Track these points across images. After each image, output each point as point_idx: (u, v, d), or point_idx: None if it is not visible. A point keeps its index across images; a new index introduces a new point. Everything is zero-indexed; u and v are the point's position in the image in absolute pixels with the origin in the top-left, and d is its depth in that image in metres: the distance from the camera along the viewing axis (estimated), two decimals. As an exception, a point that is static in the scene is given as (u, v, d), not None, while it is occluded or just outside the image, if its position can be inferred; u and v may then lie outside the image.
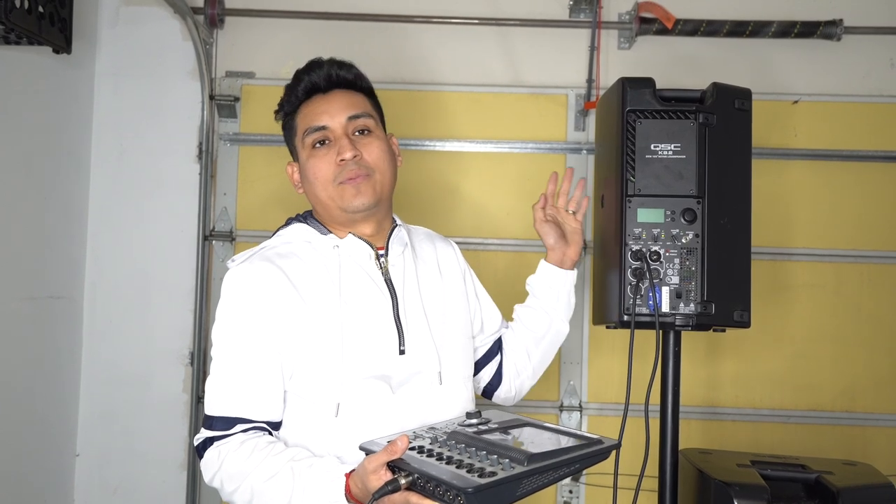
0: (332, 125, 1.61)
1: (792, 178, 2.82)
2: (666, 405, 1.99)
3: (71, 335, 2.77)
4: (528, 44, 2.87)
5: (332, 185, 1.60)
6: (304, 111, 1.66)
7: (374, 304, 1.59)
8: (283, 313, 1.53)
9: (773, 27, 2.75)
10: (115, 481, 2.79)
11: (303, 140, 1.63)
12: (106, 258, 2.82)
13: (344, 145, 1.59)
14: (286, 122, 1.71)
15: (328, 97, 1.65)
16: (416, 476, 1.32)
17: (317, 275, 1.57)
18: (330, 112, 1.62)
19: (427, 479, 1.31)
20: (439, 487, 1.29)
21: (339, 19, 2.82)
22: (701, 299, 1.89)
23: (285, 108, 1.71)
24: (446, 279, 1.75)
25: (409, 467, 1.33)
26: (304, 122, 1.64)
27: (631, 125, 1.93)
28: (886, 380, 2.79)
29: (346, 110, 1.63)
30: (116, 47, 2.86)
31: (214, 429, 1.51)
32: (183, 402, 2.80)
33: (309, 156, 1.62)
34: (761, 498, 1.86)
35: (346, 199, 1.59)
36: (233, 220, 2.84)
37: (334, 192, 1.59)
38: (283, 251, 1.61)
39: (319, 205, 1.63)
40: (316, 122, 1.62)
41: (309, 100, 1.66)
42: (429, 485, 1.31)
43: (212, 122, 2.84)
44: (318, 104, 1.64)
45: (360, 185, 1.59)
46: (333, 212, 1.61)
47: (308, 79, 1.67)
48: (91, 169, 2.84)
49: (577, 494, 2.76)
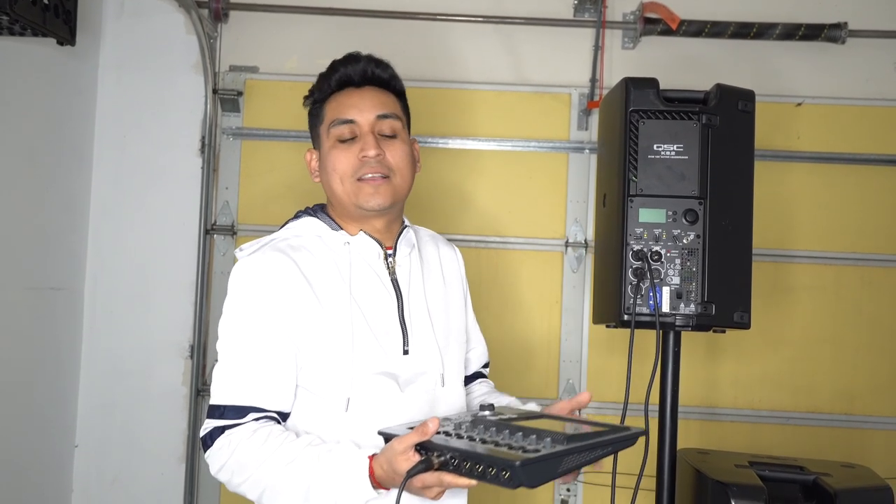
0: (360, 120, 1.61)
1: (794, 181, 2.83)
2: (665, 405, 1.99)
3: (71, 327, 2.77)
4: (531, 42, 2.87)
5: (351, 179, 1.59)
6: (334, 102, 1.65)
7: (380, 303, 1.59)
8: (296, 304, 1.53)
9: (777, 29, 2.75)
10: (113, 473, 2.80)
11: (328, 130, 1.62)
12: (107, 250, 2.83)
13: (369, 142, 1.58)
14: (314, 109, 1.69)
15: (360, 92, 1.64)
16: (450, 455, 1.32)
17: (327, 269, 1.58)
18: (360, 107, 1.62)
19: (464, 458, 1.30)
20: (478, 465, 1.28)
21: (342, 15, 2.82)
22: (701, 300, 1.89)
23: (315, 95, 1.69)
24: (448, 284, 1.75)
25: (442, 447, 1.33)
26: (332, 112, 1.63)
27: (634, 125, 1.93)
28: (885, 383, 2.79)
29: (377, 108, 1.62)
30: (120, 40, 2.86)
31: (225, 417, 1.49)
32: (182, 395, 2.80)
33: (332, 147, 1.61)
34: (759, 499, 1.86)
35: (362, 197, 1.59)
36: (234, 214, 2.84)
37: (351, 188, 1.59)
38: (294, 244, 1.60)
39: (334, 197, 1.63)
40: (344, 114, 1.61)
41: (340, 91, 1.65)
42: (465, 463, 1.30)
43: (215, 116, 2.84)
44: (350, 97, 1.63)
45: (379, 187, 1.59)
46: (347, 206, 1.61)
47: (343, 70, 1.66)
48: (93, 161, 2.84)
49: (575, 493, 2.77)
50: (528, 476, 1.25)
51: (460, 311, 1.77)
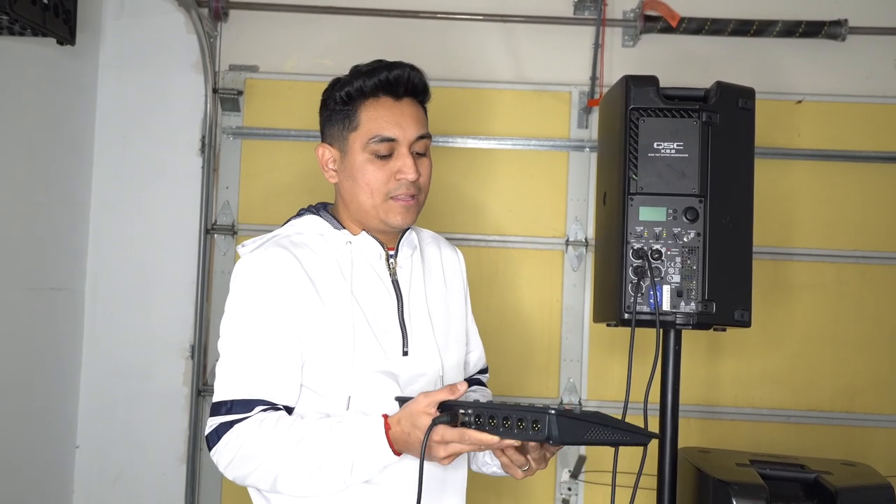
0: (402, 139, 1.57)
1: (794, 178, 2.82)
2: (666, 404, 1.99)
3: (72, 327, 2.77)
4: (532, 41, 2.87)
5: (383, 196, 1.57)
6: (372, 111, 1.57)
7: (381, 304, 1.59)
8: (299, 301, 1.52)
9: (777, 26, 2.74)
10: (114, 473, 2.80)
11: (366, 143, 1.56)
12: (108, 250, 2.83)
13: (409, 165, 1.56)
14: (341, 108, 1.60)
15: (401, 106, 1.59)
16: (477, 411, 1.33)
17: (328, 268, 1.57)
18: (402, 125, 1.57)
19: (492, 414, 1.31)
20: (507, 419, 1.30)
21: (343, 14, 2.82)
22: (702, 298, 1.89)
23: (344, 92, 1.59)
24: (449, 286, 1.75)
25: (467, 404, 1.34)
26: (372, 123, 1.56)
27: (634, 123, 1.93)
28: (886, 380, 2.79)
29: (416, 127, 1.58)
30: (120, 39, 2.86)
31: (233, 412, 1.47)
32: (183, 395, 2.80)
33: (367, 161, 1.57)
34: (760, 497, 1.86)
35: (391, 216, 1.57)
36: (235, 213, 2.84)
37: (381, 204, 1.57)
38: (296, 241, 1.59)
39: (355, 205, 1.60)
40: (388, 132, 1.56)
41: (377, 98, 1.58)
42: (492, 419, 1.32)
43: (215, 115, 2.84)
44: (392, 112, 1.57)
45: (410, 207, 1.58)
46: (370, 219, 1.59)
47: (388, 75, 1.58)
48: (94, 161, 2.84)
49: (577, 492, 2.77)
50: (559, 429, 1.27)
51: (461, 313, 1.76)
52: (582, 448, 2.75)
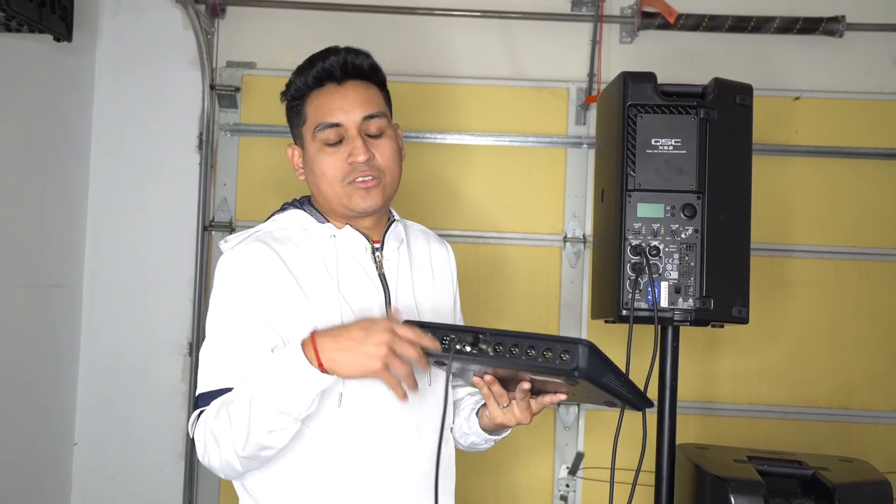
0: (347, 123, 1.56)
1: (792, 175, 2.82)
2: (664, 400, 1.99)
3: (70, 324, 2.77)
4: (529, 37, 2.87)
5: (341, 183, 1.56)
6: (316, 100, 1.58)
7: (367, 298, 1.57)
8: (278, 296, 1.50)
9: (775, 23, 2.74)
10: (112, 470, 2.80)
11: (313, 133, 1.57)
12: (105, 247, 2.82)
13: (357, 147, 1.54)
14: (293, 105, 1.63)
15: (343, 89, 1.58)
16: (495, 339, 1.30)
17: (312, 262, 1.55)
18: (345, 108, 1.56)
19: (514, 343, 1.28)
20: (533, 348, 1.27)
21: (341, 10, 2.81)
22: (700, 294, 1.89)
23: (292, 91, 1.63)
24: (438, 280, 1.73)
25: (487, 331, 1.31)
26: (316, 113, 1.57)
27: (632, 119, 1.93)
28: (884, 377, 2.79)
29: (362, 108, 1.57)
30: (117, 36, 2.85)
31: (199, 405, 1.46)
32: (181, 391, 2.80)
33: (318, 151, 1.57)
34: (757, 493, 1.87)
35: (354, 201, 1.56)
36: (232, 210, 2.84)
37: (342, 191, 1.56)
38: (278, 235, 1.58)
39: (322, 197, 1.60)
40: (330, 117, 1.56)
41: (321, 88, 1.59)
42: (515, 348, 1.28)
43: (212, 112, 2.83)
44: (333, 97, 1.57)
45: (371, 190, 1.56)
46: (336, 208, 1.59)
47: (322, 65, 1.58)
48: (91, 158, 2.84)
49: (574, 488, 2.77)
50: (587, 362, 1.25)
51: (448, 308, 1.74)
52: (580, 444, 2.76)
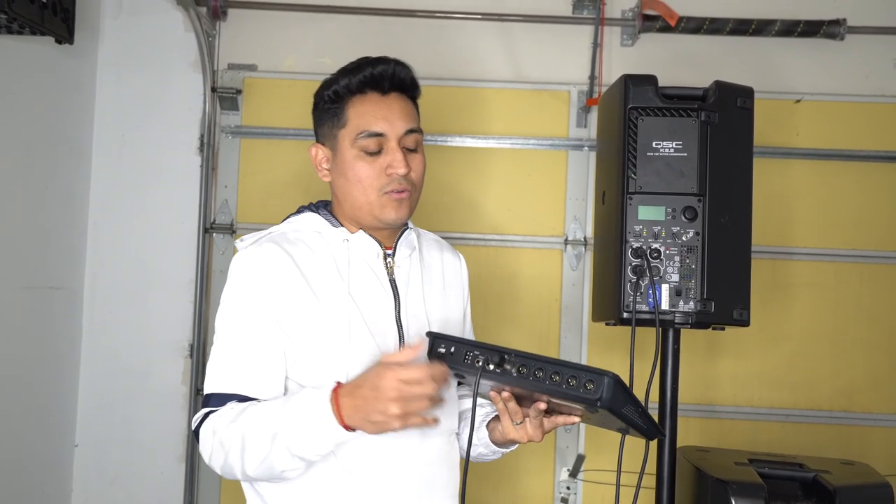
0: (390, 134, 1.57)
1: (793, 178, 2.82)
2: (664, 403, 1.99)
3: (71, 326, 2.77)
4: (530, 40, 2.87)
5: (376, 193, 1.57)
6: (359, 106, 1.58)
7: (377, 303, 1.58)
8: (288, 297, 1.52)
9: (776, 26, 2.74)
10: (113, 472, 2.80)
11: (354, 139, 1.57)
12: (106, 249, 2.83)
13: (398, 160, 1.56)
14: (329, 106, 1.62)
15: (387, 101, 1.59)
16: (519, 361, 1.33)
17: (324, 265, 1.57)
18: (390, 120, 1.57)
19: (539, 364, 1.31)
20: (557, 374, 1.30)
21: (341, 13, 2.81)
22: (700, 297, 1.89)
23: (332, 91, 1.61)
24: (448, 289, 1.74)
25: (513, 352, 1.34)
26: (360, 120, 1.57)
27: (633, 122, 1.93)
28: (885, 379, 2.79)
29: (405, 122, 1.59)
30: (119, 38, 2.85)
31: (209, 405, 1.49)
32: (182, 393, 2.80)
33: (357, 157, 1.57)
34: (758, 496, 1.87)
35: (385, 212, 1.57)
36: (233, 212, 2.84)
37: (375, 200, 1.57)
38: (291, 237, 1.59)
39: (349, 202, 1.60)
40: (375, 126, 1.56)
41: (364, 95, 1.59)
42: (539, 372, 1.31)
43: (213, 114, 2.84)
44: (378, 106, 1.58)
45: (402, 202, 1.58)
46: (363, 215, 1.60)
47: (372, 71, 1.59)
48: (92, 160, 2.84)
49: (575, 491, 2.77)
50: (612, 394, 1.27)
51: (458, 320, 1.75)
52: (581, 447, 2.75)
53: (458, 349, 1.40)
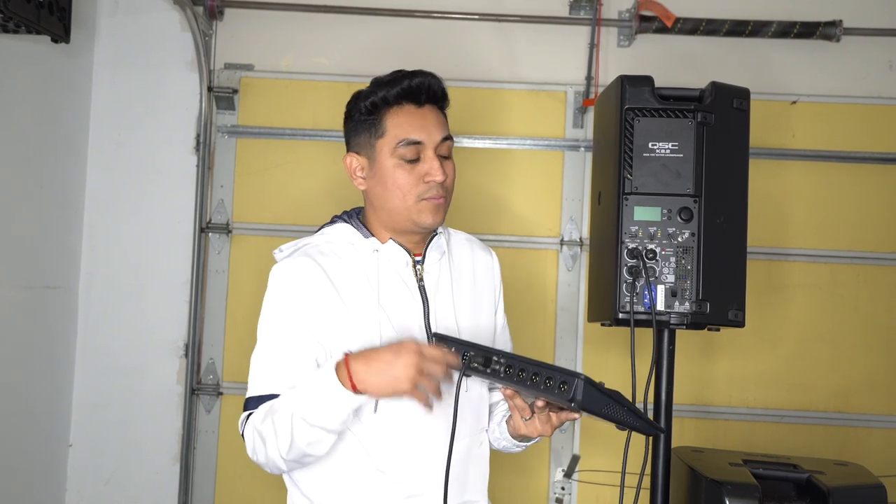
0: (428, 143, 1.63)
1: (789, 179, 2.83)
2: (660, 403, 1.99)
3: (66, 325, 2.76)
4: (527, 40, 2.87)
5: (414, 199, 1.62)
6: (397, 117, 1.63)
7: (407, 310, 1.63)
8: (320, 307, 1.59)
9: (772, 27, 2.75)
10: (108, 472, 2.79)
11: (394, 148, 1.62)
12: (102, 248, 2.82)
13: (436, 168, 1.62)
14: (367, 117, 1.66)
15: (423, 112, 1.65)
16: (506, 361, 1.42)
17: (355, 275, 1.62)
18: (427, 129, 1.63)
19: (522, 367, 1.40)
20: (537, 375, 1.39)
21: (338, 13, 2.81)
22: (696, 298, 1.89)
23: (369, 102, 1.65)
24: (479, 286, 1.77)
25: (500, 353, 1.43)
26: (399, 129, 1.62)
27: (629, 123, 1.93)
28: (880, 381, 2.80)
29: (440, 130, 1.65)
30: (115, 37, 2.85)
31: (248, 409, 1.57)
32: (177, 393, 2.80)
33: (396, 166, 1.62)
34: (753, 497, 1.87)
35: (422, 217, 1.62)
36: (230, 212, 2.84)
37: (413, 206, 1.62)
38: (325, 250, 1.65)
39: (386, 209, 1.65)
40: (414, 135, 1.62)
41: (401, 106, 1.64)
42: (522, 372, 1.41)
43: (210, 113, 2.83)
44: (416, 116, 1.64)
45: (439, 207, 1.64)
46: (400, 221, 1.64)
47: (410, 83, 1.64)
48: (88, 159, 2.83)
49: (570, 491, 2.77)
50: (585, 395, 1.36)
51: (489, 314, 1.78)
52: (576, 447, 2.75)
53: (458, 349, 1.48)
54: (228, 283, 2.82)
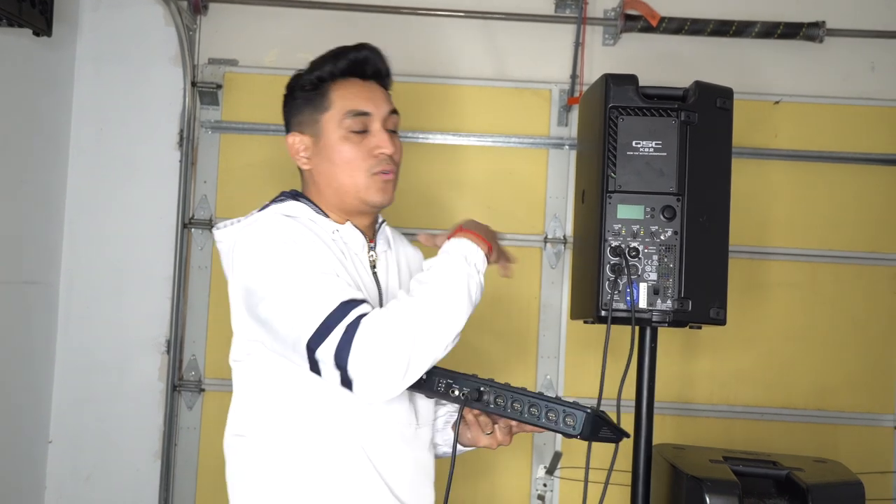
0: (376, 114, 1.59)
1: (771, 178, 2.85)
2: (641, 400, 2.00)
3: (46, 321, 2.74)
4: (512, 38, 2.87)
5: (364, 174, 1.57)
6: (342, 90, 1.60)
7: (368, 294, 1.59)
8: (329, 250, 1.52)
9: (756, 27, 2.76)
10: (88, 469, 2.78)
11: (340, 120, 1.58)
12: (83, 244, 2.80)
13: (385, 139, 1.58)
14: (311, 93, 1.62)
15: (369, 85, 1.63)
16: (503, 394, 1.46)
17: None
18: (375, 101, 1.60)
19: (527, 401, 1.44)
20: (534, 408, 1.43)
21: (323, 9, 2.80)
22: (678, 296, 1.90)
23: (315, 76, 1.62)
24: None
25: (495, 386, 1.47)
26: (344, 101, 1.59)
27: (613, 121, 1.94)
28: (859, 379, 2.82)
29: (388, 104, 1.63)
30: (98, 31, 2.83)
31: (348, 312, 1.39)
32: (158, 390, 2.78)
33: (343, 139, 1.58)
34: (732, 493, 1.88)
35: (371, 193, 1.58)
36: (213, 208, 2.83)
37: (362, 182, 1.57)
38: (292, 215, 1.57)
39: (332, 188, 1.60)
40: (362, 106, 1.58)
41: (346, 79, 1.62)
42: (529, 406, 1.44)
43: (193, 109, 2.82)
44: (362, 89, 1.61)
45: (388, 183, 1.60)
46: (348, 199, 1.59)
47: (356, 56, 1.63)
48: (70, 154, 2.81)
49: (552, 488, 2.78)
50: (591, 426, 1.42)
51: None
52: (558, 444, 2.76)
53: (429, 377, 1.46)
54: (211, 279, 2.81)
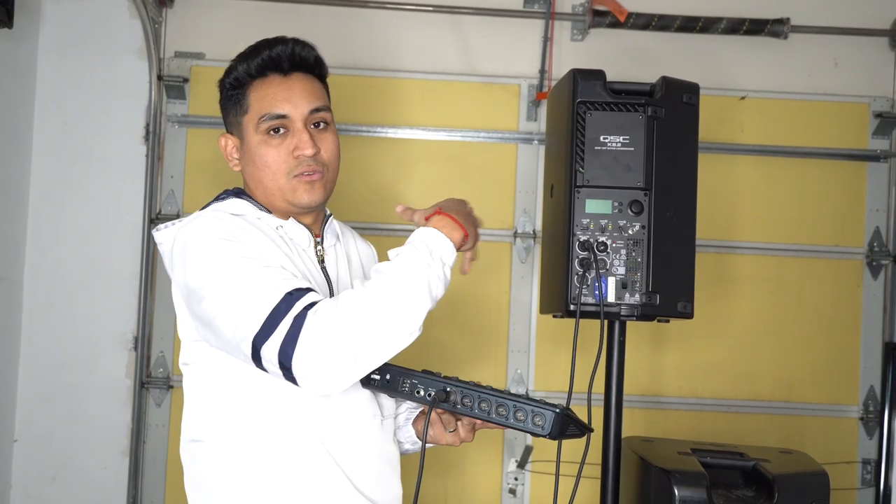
0: (294, 115, 1.54)
1: (737, 173, 2.88)
2: (610, 394, 2.01)
3: (10, 317, 2.70)
4: (481, 33, 2.87)
5: (286, 177, 1.54)
6: (260, 90, 1.56)
7: (316, 287, 1.55)
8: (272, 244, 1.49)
9: (722, 24, 2.79)
10: (54, 467, 2.74)
11: (257, 124, 1.54)
12: (48, 240, 2.76)
13: (304, 140, 1.52)
14: (232, 93, 1.59)
15: (289, 81, 1.56)
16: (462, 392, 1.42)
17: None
18: (292, 100, 1.54)
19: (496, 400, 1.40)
20: (501, 408, 1.40)
21: (292, 1, 2.78)
22: (646, 290, 1.92)
23: (232, 78, 1.58)
24: (365, 276, 1.73)
25: (463, 386, 1.43)
26: (260, 104, 1.55)
27: (581, 116, 1.94)
28: (822, 371, 2.87)
29: (309, 100, 1.55)
30: (61, 23, 2.78)
31: (293, 303, 1.35)
32: (126, 387, 2.75)
33: (261, 142, 1.54)
34: (700, 485, 1.90)
35: (297, 195, 1.54)
36: (180, 203, 2.80)
37: (285, 185, 1.54)
38: (236, 213, 1.55)
39: (262, 190, 1.58)
40: (276, 108, 1.53)
41: (265, 78, 1.56)
42: (498, 407, 1.40)
43: (159, 102, 2.78)
44: (279, 88, 1.55)
45: (314, 184, 1.55)
46: (277, 201, 1.57)
47: (269, 53, 1.55)
48: (33, 148, 2.77)
49: (523, 482, 2.79)
50: (559, 425, 1.39)
51: None
52: (529, 438, 2.78)
53: (393, 377, 1.43)
54: (179, 275, 2.78)
